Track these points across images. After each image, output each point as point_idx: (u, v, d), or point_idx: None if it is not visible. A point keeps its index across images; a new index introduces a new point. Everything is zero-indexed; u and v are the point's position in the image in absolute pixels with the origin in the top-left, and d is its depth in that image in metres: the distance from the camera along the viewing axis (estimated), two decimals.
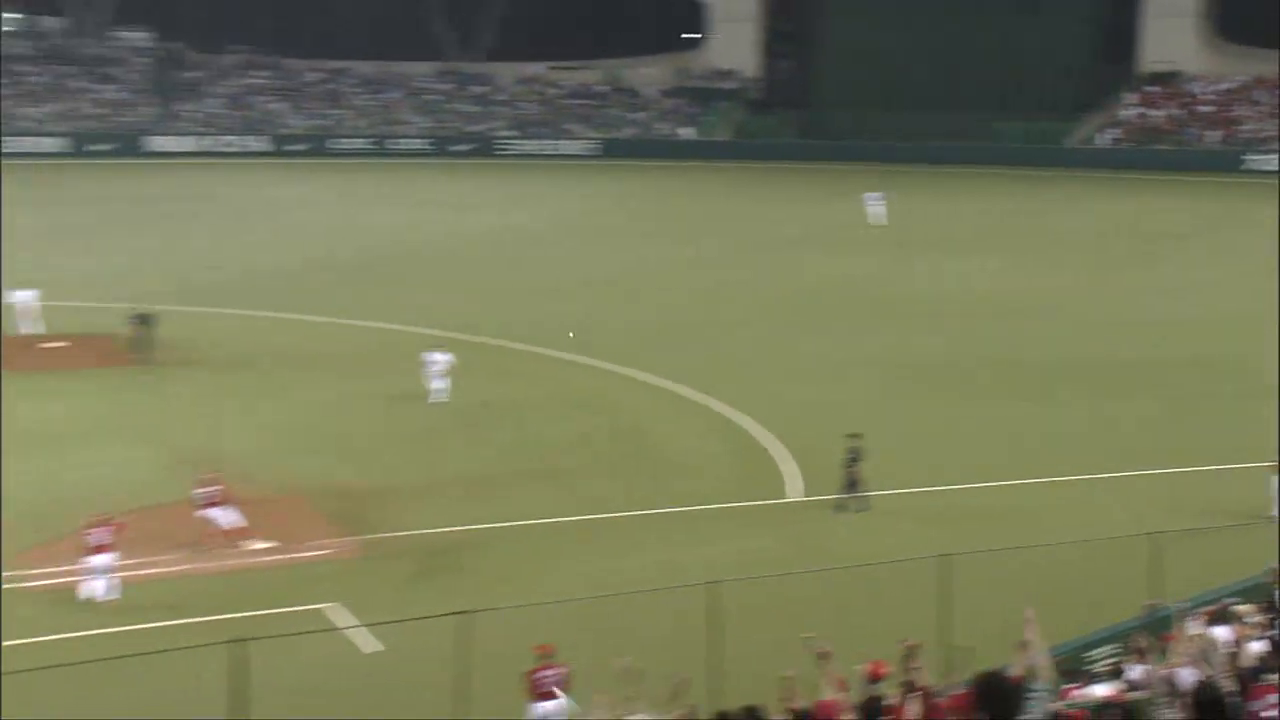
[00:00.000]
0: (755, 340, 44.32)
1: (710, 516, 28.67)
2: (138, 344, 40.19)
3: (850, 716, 14.42)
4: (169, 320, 41.65)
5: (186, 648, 19.60)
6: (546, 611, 21.63)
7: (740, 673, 18.05)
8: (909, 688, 14.75)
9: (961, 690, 14.12)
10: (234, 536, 25.97)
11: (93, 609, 23.27)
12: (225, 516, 25.99)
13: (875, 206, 68.85)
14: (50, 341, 41.70)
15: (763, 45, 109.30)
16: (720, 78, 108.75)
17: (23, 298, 42.60)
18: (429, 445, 32.99)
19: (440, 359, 35.93)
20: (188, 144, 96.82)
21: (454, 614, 17.70)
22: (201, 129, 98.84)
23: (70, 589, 23.89)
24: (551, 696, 17.90)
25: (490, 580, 24.91)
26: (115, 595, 23.64)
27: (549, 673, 17.99)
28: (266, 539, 26.24)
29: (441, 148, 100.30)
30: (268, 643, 18.25)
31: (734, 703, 15.09)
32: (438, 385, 35.62)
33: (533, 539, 27.16)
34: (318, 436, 33.44)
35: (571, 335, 36.31)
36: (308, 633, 21.69)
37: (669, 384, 38.39)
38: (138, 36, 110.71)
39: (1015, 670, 14.02)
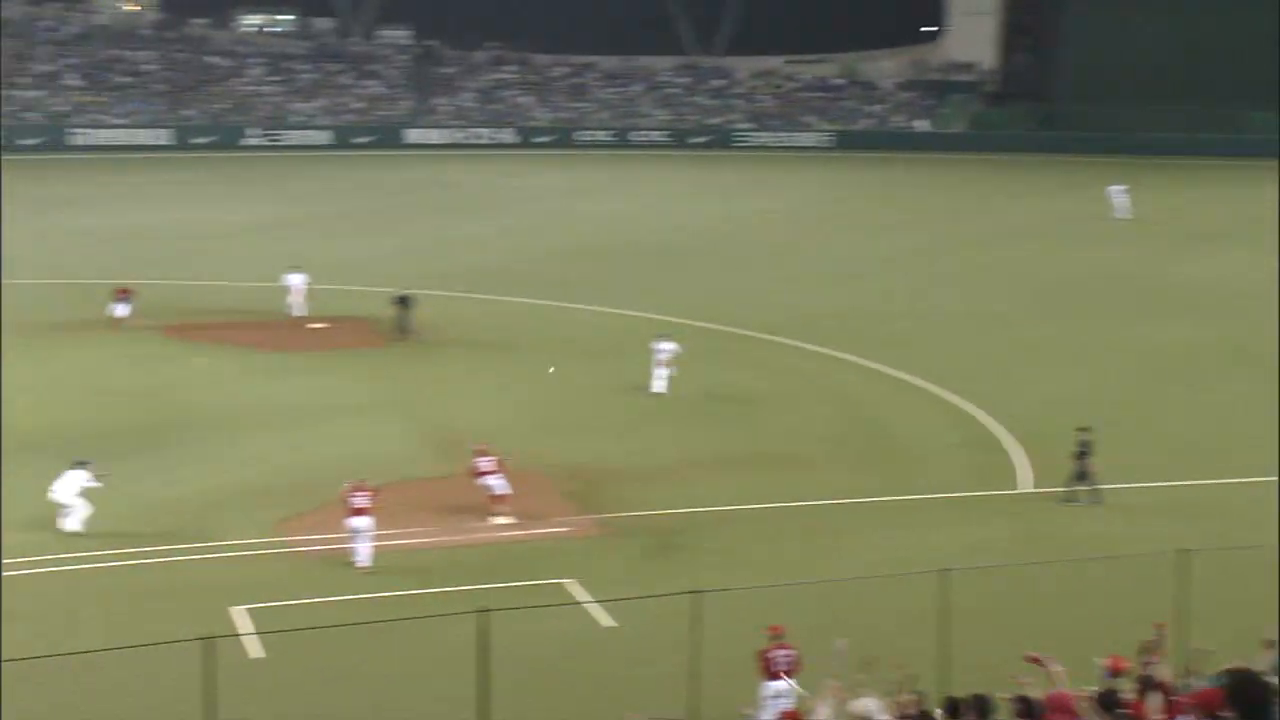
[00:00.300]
0: (988, 330, 43.44)
1: (940, 505, 28.22)
2: (398, 325, 41.49)
3: (1085, 709, 13.99)
4: (424, 303, 42.82)
5: (437, 615, 20.17)
6: (776, 594, 21.57)
7: (969, 661, 17.73)
8: (1147, 683, 14.24)
9: (1208, 687, 13.50)
10: (503, 505, 26.71)
11: (351, 574, 24.11)
12: (500, 485, 26.75)
13: (1120, 199, 66.76)
14: (314, 323, 43.27)
15: (1001, 38, 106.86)
16: (957, 70, 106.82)
17: (294, 281, 44.24)
18: (662, 429, 33.20)
19: (667, 348, 35.84)
20: (441, 136, 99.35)
21: (688, 593, 17.80)
22: (454, 122, 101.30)
23: (330, 555, 24.80)
24: (783, 677, 17.85)
25: (719, 561, 24.95)
26: (369, 552, 24.47)
27: (781, 653, 17.94)
28: (509, 514, 26.83)
29: (680, 140, 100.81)
30: (510, 613, 18.67)
31: (962, 690, 14.84)
32: (661, 374, 35.49)
33: (762, 522, 27.11)
34: (558, 417, 33.96)
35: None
36: (550, 606, 22.08)
37: (900, 373, 37.88)
38: (399, 35, 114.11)
39: (1261, 669, 13.41)
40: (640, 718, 15.49)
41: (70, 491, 25.29)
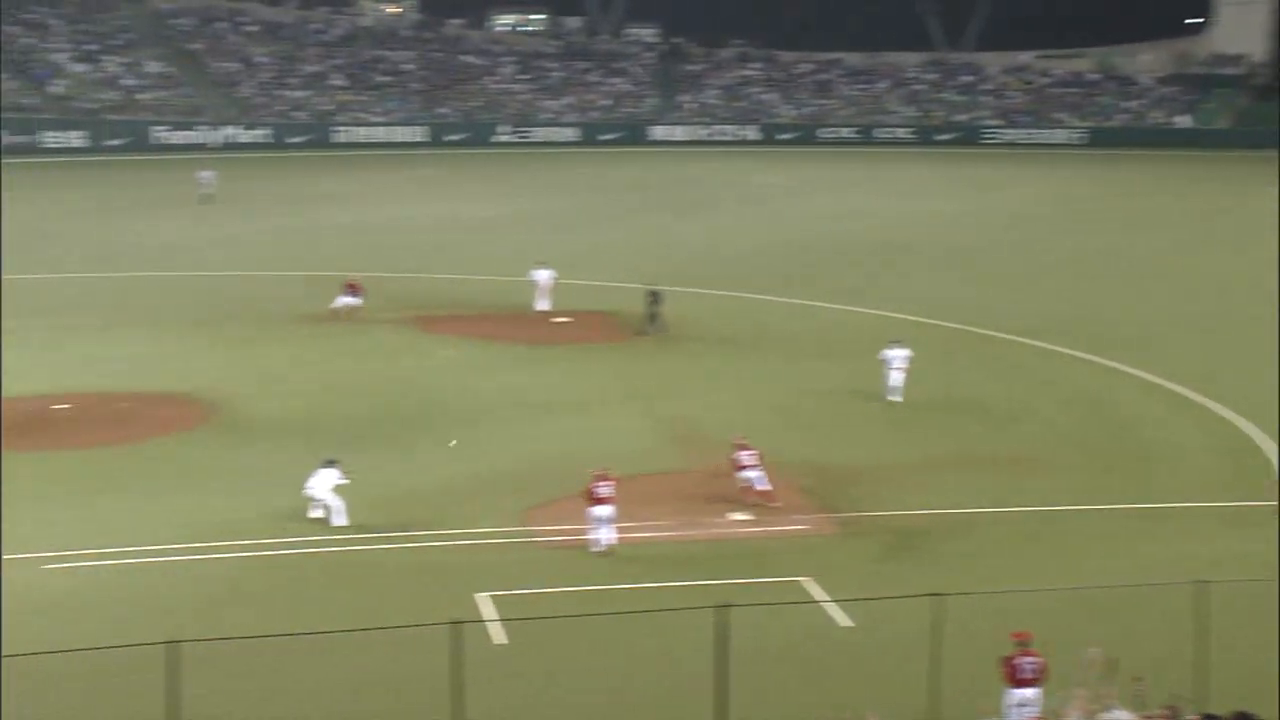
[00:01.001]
0: (1242, 332, 41.49)
1: (1194, 513, 27.09)
2: (649, 320, 41.83)
3: None
4: (667, 298, 42.98)
5: (677, 609, 20.24)
6: (1020, 600, 21.00)
7: (1228, 678, 16.95)
8: None
9: None
10: (764, 499, 26.89)
11: (592, 564, 24.39)
12: (759, 479, 26.92)
13: None
14: (558, 317, 43.92)
15: (1273, 28, 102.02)
16: (1224, 63, 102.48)
17: (540, 276, 44.95)
18: (900, 428, 32.70)
19: (900, 354, 34.68)
20: (686, 133, 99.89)
21: (929, 595, 17.46)
22: (699, 119, 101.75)
23: (571, 545, 25.14)
24: (1029, 684, 17.32)
25: (959, 565, 24.44)
26: (613, 539, 24.73)
27: (1027, 660, 17.41)
28: (745, 511, 26.82)
29: (926, 137, 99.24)
30: (748, 608, 18.61)
31: (1220, 707, 14.21)
32: (895, 383, 34.45)
33: (1004, 526, 26.44)
34: (796, 415, 33.73)
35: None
36: (788, 604, 21.94)
37: (1147, 374, 36.52)
38: (646, 33, 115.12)
39: None
40: (879, 718, 15.24)
41: (325, 488, 26.09)
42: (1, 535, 24.31)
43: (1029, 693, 17.28)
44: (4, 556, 24.11)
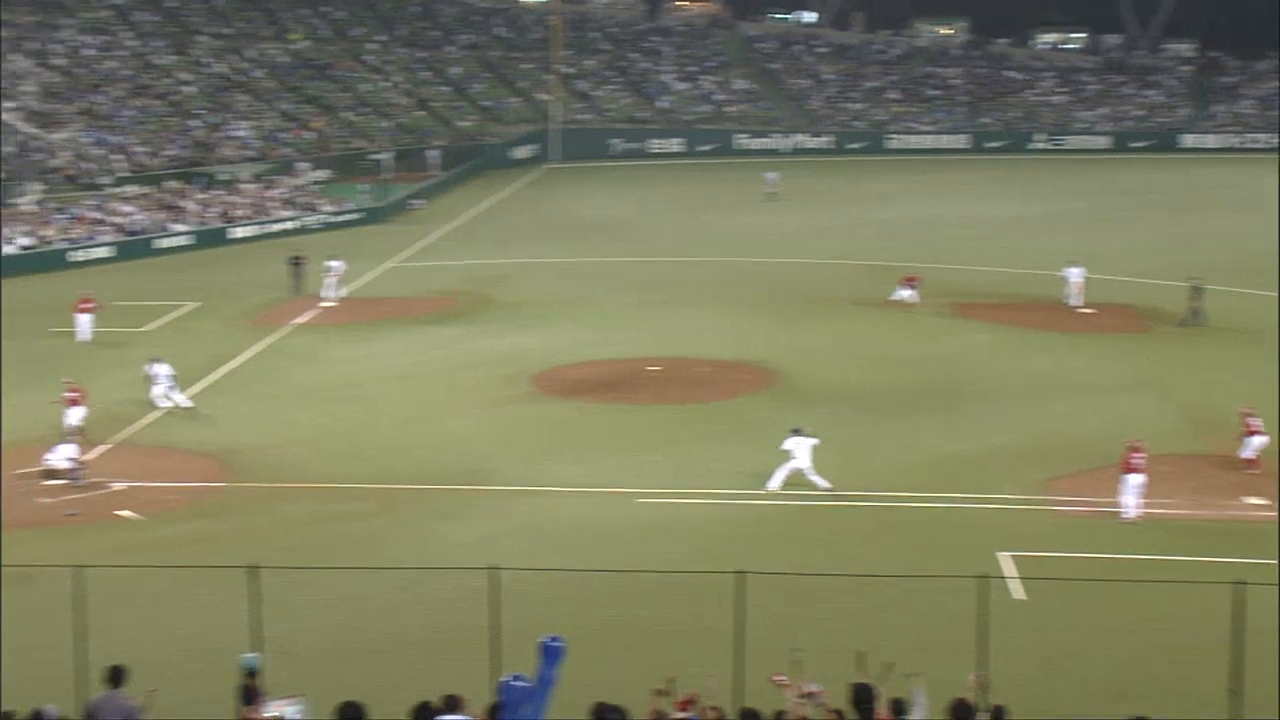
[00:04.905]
0: None
1: None
2: (1192, 314, 39.28)
3: None
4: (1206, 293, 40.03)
5: (1193, 582, 19.01)
6: None
7: None
8: None
9: None
10: (1248, 465, 25.79)
11: (1108, 532, 23.19)
12: (1259, 444, 26.07)
13: None
14: (1083, 308, 41.98)
15: None
16: None
17: (1072, 274, 43.01)
18: None
19: None
20: (1217, 141, 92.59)
21: None
22: (1230, 128, 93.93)
23: (1088, 515, 24.02)
24: None
25: None
26: (1139, 510, 23.52)
27: None
28: (1260, 496, 24.71)
29: None
30: (1263, 587, 17.15)
31: None
32: None
33: None
34: None
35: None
36: None
37: None
38: (1183, 48, 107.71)
39: None
40: None
41: (804, 453, 25.48)
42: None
43: None
44: (604, 490, 25.97)
